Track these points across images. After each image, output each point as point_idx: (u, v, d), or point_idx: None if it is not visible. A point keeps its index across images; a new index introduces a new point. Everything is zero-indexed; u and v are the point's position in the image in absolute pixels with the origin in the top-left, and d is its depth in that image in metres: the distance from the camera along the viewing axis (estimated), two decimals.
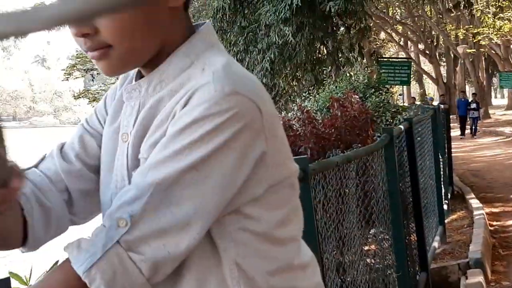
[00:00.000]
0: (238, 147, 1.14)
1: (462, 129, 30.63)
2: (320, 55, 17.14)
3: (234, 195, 1.17)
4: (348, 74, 13.89)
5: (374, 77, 15.22)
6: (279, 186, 1.24)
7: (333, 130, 7.22)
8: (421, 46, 49.29)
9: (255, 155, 1.17)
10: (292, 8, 14.02)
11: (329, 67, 16.26)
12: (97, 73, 35.35)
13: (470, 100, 31.22)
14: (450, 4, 31.10)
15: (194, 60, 1.25)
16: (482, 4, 35.04)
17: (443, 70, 50.46)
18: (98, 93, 38.94)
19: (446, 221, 9.54)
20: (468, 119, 30.34)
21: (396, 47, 55.55)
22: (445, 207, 9.94)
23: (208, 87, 1.15)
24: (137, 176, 1.16)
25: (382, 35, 51.40)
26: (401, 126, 6.58)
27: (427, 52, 47.56)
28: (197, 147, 1.12)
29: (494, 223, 10.03)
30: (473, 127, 30.22)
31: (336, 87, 12.32)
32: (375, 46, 51.95)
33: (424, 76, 55.47)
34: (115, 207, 1.13)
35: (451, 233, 9.31)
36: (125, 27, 1.22)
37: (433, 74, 48.32)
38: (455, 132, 30.40)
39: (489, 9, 34.83)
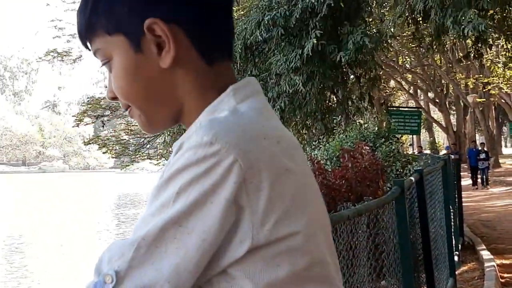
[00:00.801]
0: (217, 200, 1.11)
1: (474, 179, 30.37)
2: (330, 104, 17.24)
3: (216, 254, 1.15)
4: (358, 123, 13.92)
5: (384, 126, 15.25)
6: (269, 248, 1.15)
7: (343, 181, 7.22)
8: (430, 95, 49.48)
9: (233, 210, 1.13)
10: (303, 58, 14.17)
11: (339, 116, 16.33)
12: (107, 120, 35.50)
13: (479, 150, 31.09)
14: (460, 54, 31.28)
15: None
16: (492, 54, 35.18)
17: (453, 119, 50.56)
18: (108, 139, 39.07)
19: (457, 272, 9.45)
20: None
21: (406, 95, 55.74)
22: (455, 258, 9.86)
23: (192, 137, 1.15)
24: (133, 231, 1.18)
25: (392, 83, 51.62)
26: (412, 178, 6.58)
27: (437, 100, 47.72)
28: (178, 199, 1.11)
29: (505, 275, 9.93)
30: (484, 177, 29.96)
31: (346, 136, 12.34)
32: (384, 94, 52.20)
33: (434, 125, 55.52)
34: (105, 261, 1.15)
35: (462, 285, 9.22)
36: (124, 92, 1.30)
37: (443, 123, 48.39)
38: (466, 181, 30.29)
39: (499, 59, 34.99)
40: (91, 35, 1.30)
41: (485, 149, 32.35)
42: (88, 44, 1.32)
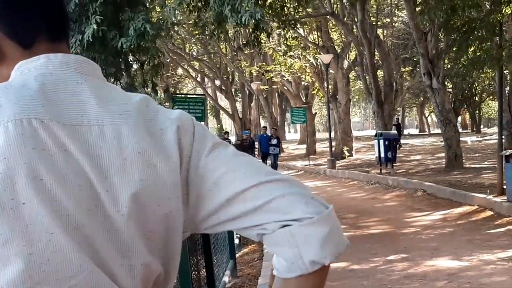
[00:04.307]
0: None
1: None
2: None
3: None
4: None
5: None
6: None
7: None
8: (217, 82, 50.39)
9: None
10: (83, 44, 13.80)
11: None
12: None
13: (270, 135, 30.30)
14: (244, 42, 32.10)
15: None
16: (274, 43, 36.44)
17: (239, 106, 51.88)
18: None
19: (237, 255, 9.69)
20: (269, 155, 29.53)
21: (194, 83, 56.42)
22: (236, 241, 10.10)
23: None
24: None
25: (180, 70, 52.02)
26: None
27: (223, 88, 48.69)
28: None
29: None
30: (274, 164, 29.41)
31: None
32: (172, 82, 52.47)
33: (221, 112, 56.66)
34: None
35: (242, 267, 9.48)
36: None
37: (230, 110, 49.51)
38: None
39: (280, 48, 36.31)
40: None
41: (277, 134, 31.92)
42: None
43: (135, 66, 17.05)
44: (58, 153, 1.17)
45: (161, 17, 18.06)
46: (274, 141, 29.44)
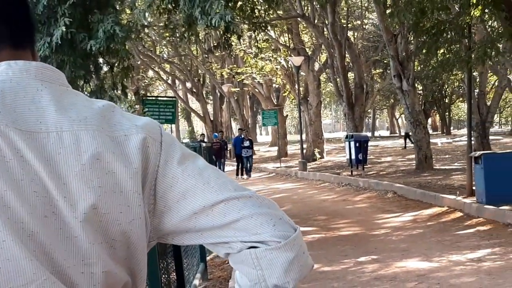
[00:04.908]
0: None
1: (239, 168, 29.60)
2: (84, 93, 16.80)
3: None
4: None
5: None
6: None
7: None
8: (188, 85, 50.31)
9: None
10: (52, 46, 13.63)
11: None
12: None
13: (242, 137, 30.12)
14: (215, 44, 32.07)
15: None
16: (245, 45, 36.44)
17: (210, 108, 51.82)
18: None
19: (208, 257, 9.66)
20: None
21: (165, 85, 56.26)
22: None
23: None
24: None
25: (151, 73, 51.85)
26: None
27: (194, 90, 48.63)
28: None
29: None
30: (248, 166, 29.38)
31: None
32: (143, 84, 52.26)
33: (193, 114, 56.55)
34: None
35: (213, 269, 9.45)
36: None
37: (201, 112, 49.43)
38: (232, 169, 30.74)
39: (251, 50, 36.32)
40: None
41: (249, 137, 32.07)
42: None
43: (105, 69, 16.89)
44: (13, 159, 1.15)
45: (131, 19, 17.94)
46: (246, 143, 29.39)
